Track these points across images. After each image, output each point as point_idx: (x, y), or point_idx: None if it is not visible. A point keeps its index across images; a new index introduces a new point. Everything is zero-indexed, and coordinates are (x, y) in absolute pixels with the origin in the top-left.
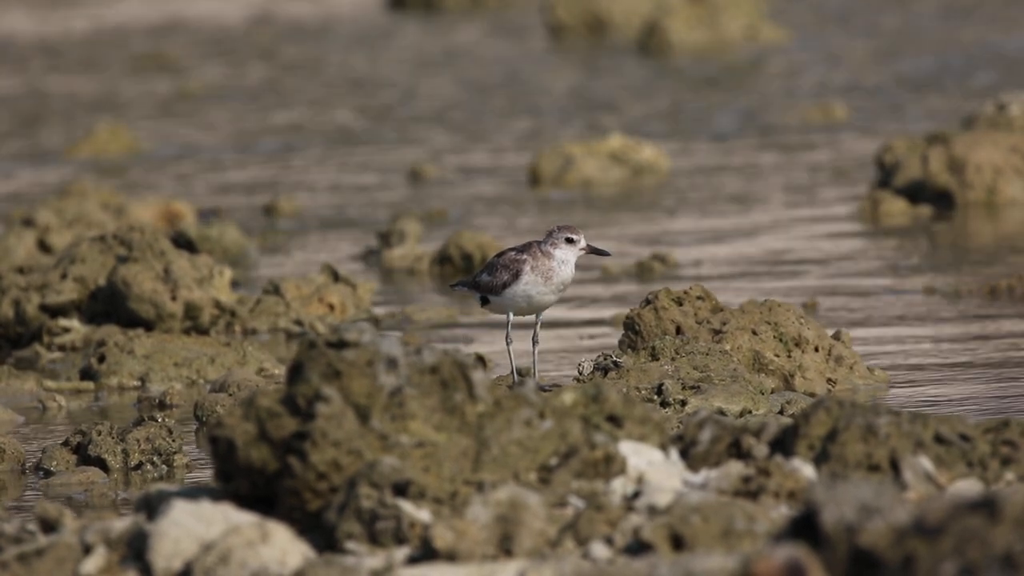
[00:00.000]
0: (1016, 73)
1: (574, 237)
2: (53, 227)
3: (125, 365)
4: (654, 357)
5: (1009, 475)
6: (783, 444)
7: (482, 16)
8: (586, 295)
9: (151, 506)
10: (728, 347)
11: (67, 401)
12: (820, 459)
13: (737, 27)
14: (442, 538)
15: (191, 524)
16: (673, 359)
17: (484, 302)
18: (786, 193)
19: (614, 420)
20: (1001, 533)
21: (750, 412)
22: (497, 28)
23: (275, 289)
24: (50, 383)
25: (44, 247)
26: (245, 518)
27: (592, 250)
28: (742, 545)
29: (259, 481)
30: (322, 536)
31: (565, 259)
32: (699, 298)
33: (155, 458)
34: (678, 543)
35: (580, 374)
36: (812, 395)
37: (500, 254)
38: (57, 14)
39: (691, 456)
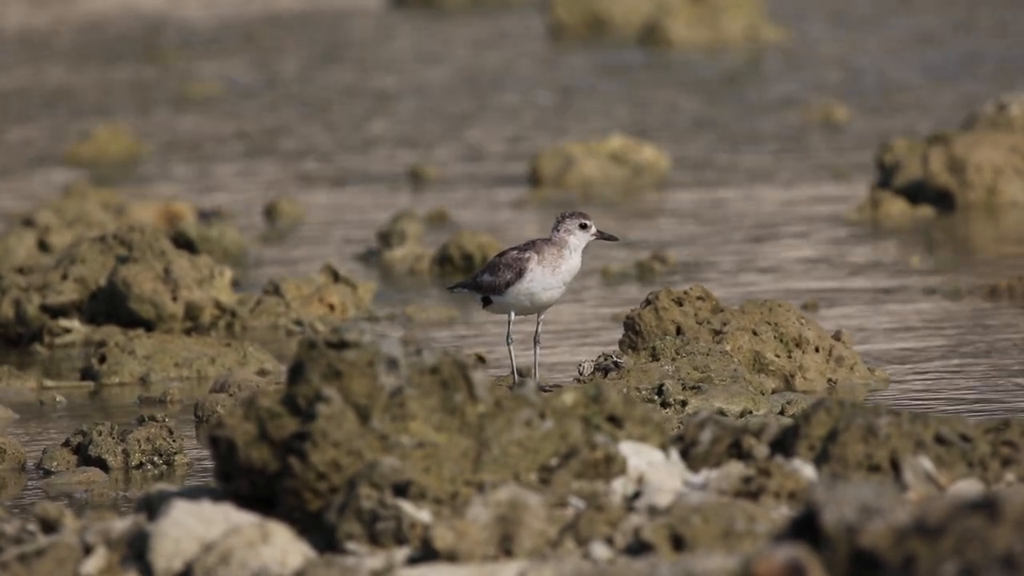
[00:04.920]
0: (1017, 73)
1: (587, 222)
2: (53, 227)
3: (126, 365)
4: (654, 357)
5: (1009, 475)
6: (783, 444)
7: (482, 15)
8: (586, 295)
9: (151, 506)
10: (728, 347)
11: (67, 401)
12: (820, 459)
13: (737, 27)
14: (442, 538)
15: (192, 524)
16: (673, 359)
17: (486, 303)
18: (786, 193)
19: (614, 420)
20: (1001, 533)
21: (750, 412)
22: (497, 27)
23: (275, 289)
24: (50, 383)
25: (44, 247)
26: (245, 518)
27: (602, 235)
28: (742, 545)
29: (259, 481)
30: (322, 536)
31: (579, 245)
32: (699, 298)
33: (155, 458)
34: (678, 543)
35: (580, 374)
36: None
37: (501, 254)
38: (57, 6)
39: (691, 456)
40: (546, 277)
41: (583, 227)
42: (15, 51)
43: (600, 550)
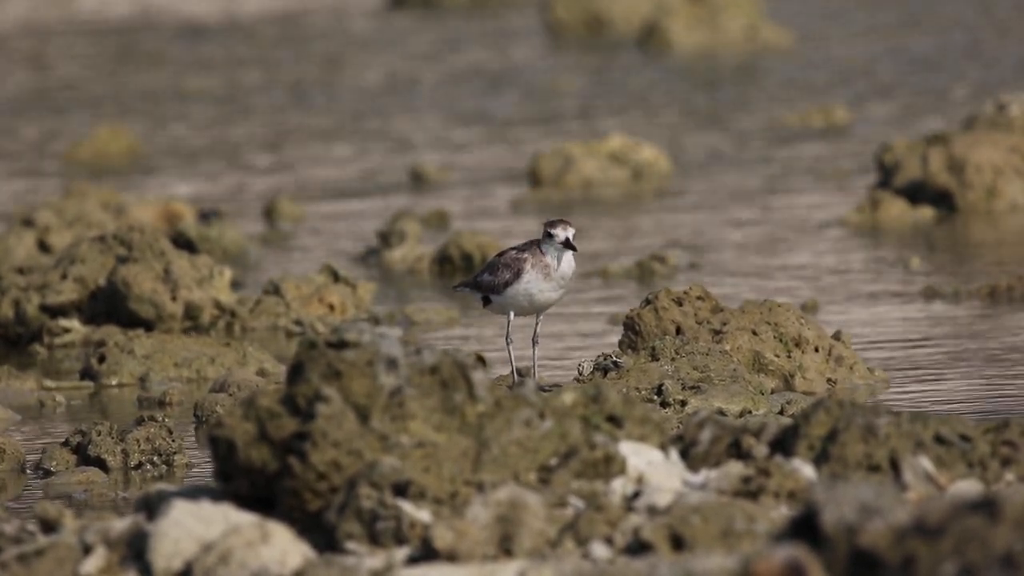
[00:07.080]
0: (1016, 73)
1: (553, 231)
2: (53, 227)
3: (125, 365)
4: (654, 357)
5: (1009, 475)
6: (783, 444)
7: (481, 15)
8: (585, 295)
9: (151, 506)
10: (728, 347)
11: (67, 401)
12: (820, 459)
13: (737, 27)
14: (442, 538)
15: (191, 524)
16: (673, 359)
17: (486, 302)
18: (786, 193)
19: (614, 420)
20: (1001, 533)
21: (750, 412)
22: (496, 27)
23: (275, 289)
24: (50, 383)
25: (44, 247)
26: (245, 518)
27: (567, 244)
28: (742, 545)
29: (259, 481)
30: (322, 536)
31: (556, 252)
32: (699, 298)
33: (155, 458)
34: (678, 543)
35: (580, 374)
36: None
37: (501, 253)
38: (57, 4)
39: (691, 456)
40: (540, 281)
41: (549, 236)
42: (15, 48)
43: (600, 550)
